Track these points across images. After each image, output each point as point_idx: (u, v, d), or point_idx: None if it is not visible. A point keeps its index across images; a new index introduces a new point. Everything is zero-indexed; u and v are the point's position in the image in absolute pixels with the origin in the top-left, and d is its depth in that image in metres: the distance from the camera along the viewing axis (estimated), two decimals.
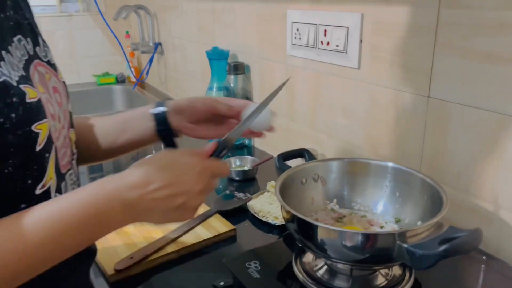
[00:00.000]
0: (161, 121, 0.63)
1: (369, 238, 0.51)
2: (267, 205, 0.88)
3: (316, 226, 0.52)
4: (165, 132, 0.64)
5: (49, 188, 0.47)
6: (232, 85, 1.23)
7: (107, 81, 2.04)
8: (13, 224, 0.40)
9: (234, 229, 0.81)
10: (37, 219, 0.41)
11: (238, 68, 1.23)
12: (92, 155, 0.67)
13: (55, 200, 0.44)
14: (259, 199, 0.90)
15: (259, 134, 0.62)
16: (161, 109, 0.63)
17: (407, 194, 0.65)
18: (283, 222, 0.72)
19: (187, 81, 1.68)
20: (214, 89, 1.26)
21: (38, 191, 0.46)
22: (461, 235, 0.47)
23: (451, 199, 0.58)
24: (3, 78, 0.41)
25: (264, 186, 0.97)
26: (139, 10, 1.82)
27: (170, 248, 0.75)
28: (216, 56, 1.27)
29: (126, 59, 1.99)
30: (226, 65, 1.25)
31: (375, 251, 0.51)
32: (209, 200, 0.88)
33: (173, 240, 0.77)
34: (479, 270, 0.67)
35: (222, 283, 0.62)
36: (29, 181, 0.45)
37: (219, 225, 0.82)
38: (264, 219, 0.84)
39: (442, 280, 0.63)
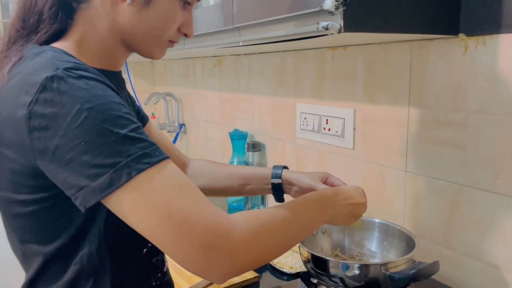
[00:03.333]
0: (276, 187, 0.87)
1: (363, 267, 0.73)
2: (283, 258, 1.09)
3: (327, 260, 0.75)
4: (278, 194, 0.88)
5: None
6: (250, 160, 1.49)
7: None
8: (280, 208, 0.63)
9: (257, 276, 1.02)
10: (292, 204, 0.65)
11: (255, 147, 1.49)
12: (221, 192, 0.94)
13: (298, 199, 0.70)
14: None
15: None
16: (277, 180, 0.86)
17: (391, 242, 0.88)
18: (297, 271, 0.93)
19: (207, 156, 1.95)
20: (235, 163, 1.52)
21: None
22: (425, 265, 0.70)
23: (426, 248, 0.80)
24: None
25: None
26: (167, 97, 2.14)
27: None
28: (237, 137, 1.54)
29: None
30: (245, 143, 1.52)
31: (367, 278, 0.73)
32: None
33: (210, 284, 0.98)
34: None
35: None
36: None
37: (245, 273, 1.03)
38: (281, 269, 1.05)
39: None
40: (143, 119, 0.87)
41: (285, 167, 0.88)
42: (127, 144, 0.51)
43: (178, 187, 0.53)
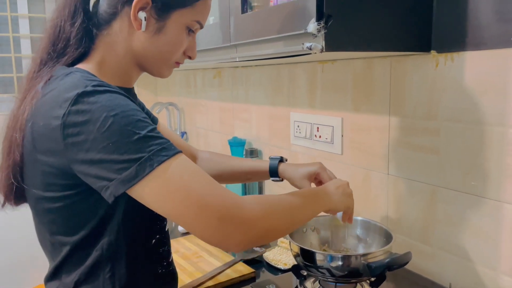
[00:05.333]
0: (274, 174, 1.00)
1: (345, 258, 0.83)
2: (278, 256, 1.18)
3: (314, 252, 0.85)
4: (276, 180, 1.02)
5: None
6: None
7: None
8: (287, 194, 0.75)
9: (254, 272, 1.11)
10: (300, 193, 0.78)
11: (253, 153, 1.59)
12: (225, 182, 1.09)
13: (305, 190, 0.85)
14: (271, 252, 1.21)
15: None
16: (276, 179, 1.01)
17: (372, 237, 0.97)
18: (289, 267, 1.03)
19: None
20: None
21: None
22: (398, 255, 0.80)
23: (405, 244, 0.89)
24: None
25: (275, 242, 1.28)
26: (170, 106, 2.25)
27: (209, 283, 1.05)
28: (236, 144, 1.64)
29: None
30: (243, 150, 1.62)
31: (349, 268, 0.83)
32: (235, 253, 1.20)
33: (211, 278, 1.08)
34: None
35: None
36: None
37: (243, 269, 1.12)
38: (276, 265, 1.15)
39: None
40: (153, 121, 1.00)
41: (281, 160, 1.01)
42: (147, 142, 0.61)
43: (193, 173, 0.63)
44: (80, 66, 0.72)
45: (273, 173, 1.00)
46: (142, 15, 0.70)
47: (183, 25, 0.74)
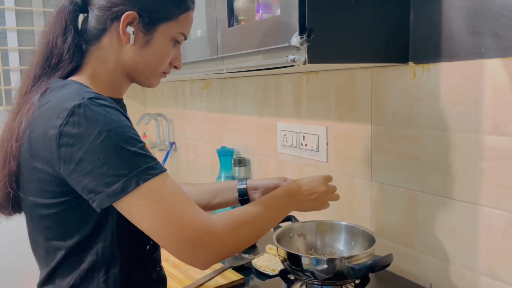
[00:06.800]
0: (243, 194, 1.01)
1: (330, 261, 0.86)
2: (266, 262, 1.21)
3: (300, 256, 0.88)
4: (244, 201, 1.02)
5: None
6: (236, 174, 1.62)
7: None
8: (250, 205, 0.79)
9: (243, 278, 1.13)
10: (262, 201, 0.80)
11: (241, 162, 1.62)
12: None
13: (267, 196, 0.85)
14: (260, 258, 1.24)
15: None
16: (243, 185, 1.01)
17: (356, 241, 1.01)
18: (277, 273, 1.06)
19: (197, 171, 2.08)
20: (222, 178, 1.64)
21: None
22: (380, 257, 0.83)
23: (389, 247, 0.93)
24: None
25: (263, 249, 1.31)
26: (158, 117, 2.28)
27: None
28: (224, 153, 1.67)
29: None
30: (231, 159, 1.65)
31: (334, 271, 0.86)
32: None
33: (200, 285, 1.10)
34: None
35: None
36: None
37: (232, 276, 1.14)
38: (264, 271, 1.17)
39: None
40: None
41: (248, 179, 1.06)
42: (136, 159, 0.65)
43: (174, 194, 0.68)
44: (73, 78, 0.76)
45: (241, 184, 1.04)
46: (130, 29, 0.75)
47: (168, 37, 0.79)
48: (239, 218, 0.74)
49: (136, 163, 0.65)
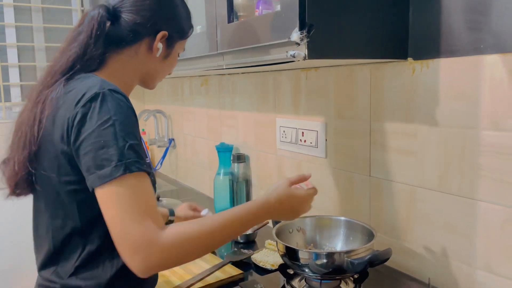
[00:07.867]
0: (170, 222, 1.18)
1: (329, 255, 0.87)
2: (265, 257, 1.22)
3: (299, 251, 0.89)
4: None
5: None
6: (235, 170, 1.62)
7: None
8: (215, 217, 0.79)
9: (242, 273, 1.14)
10: (227, 213, 0.80)
11: (240, 158, 1.62)
12: None
13: (238, 207, 0.84)
14: (259, 254, 1.24)
15: None
16: (171, 218, 1.24)
17: (355, 236, 1.01)
18: (276, 268, 1.06)
19: (195, 169, 2.08)
20: (221, 174, 1.65)
21: None
22: (379, 251, 0.84)
23: (387, 242, 0.93)
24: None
25: (262, 244, 1.32)
26: (157, 114, 2.28)
27: (199, 285, 1.08)
28: (223, 149, 1.68)
29: None
30: (230, 156, 1.65)
31: (333, 265, 0.87)
32: (223, 255, 1.23)
33: (200, 280, 1.10)
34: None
35: None
36: None
37: (231, 271, 1.15)
38: (263, 266, 1.18)
39: None
40: None
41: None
42: (129, 151, 0.71)
43: (141, 197, 0.71)
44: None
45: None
46: (160, 45, 0.89)
47: (177, 51, 0.97)
48: (190, 232, 0.73)
49: (128, 154, 0.70)
